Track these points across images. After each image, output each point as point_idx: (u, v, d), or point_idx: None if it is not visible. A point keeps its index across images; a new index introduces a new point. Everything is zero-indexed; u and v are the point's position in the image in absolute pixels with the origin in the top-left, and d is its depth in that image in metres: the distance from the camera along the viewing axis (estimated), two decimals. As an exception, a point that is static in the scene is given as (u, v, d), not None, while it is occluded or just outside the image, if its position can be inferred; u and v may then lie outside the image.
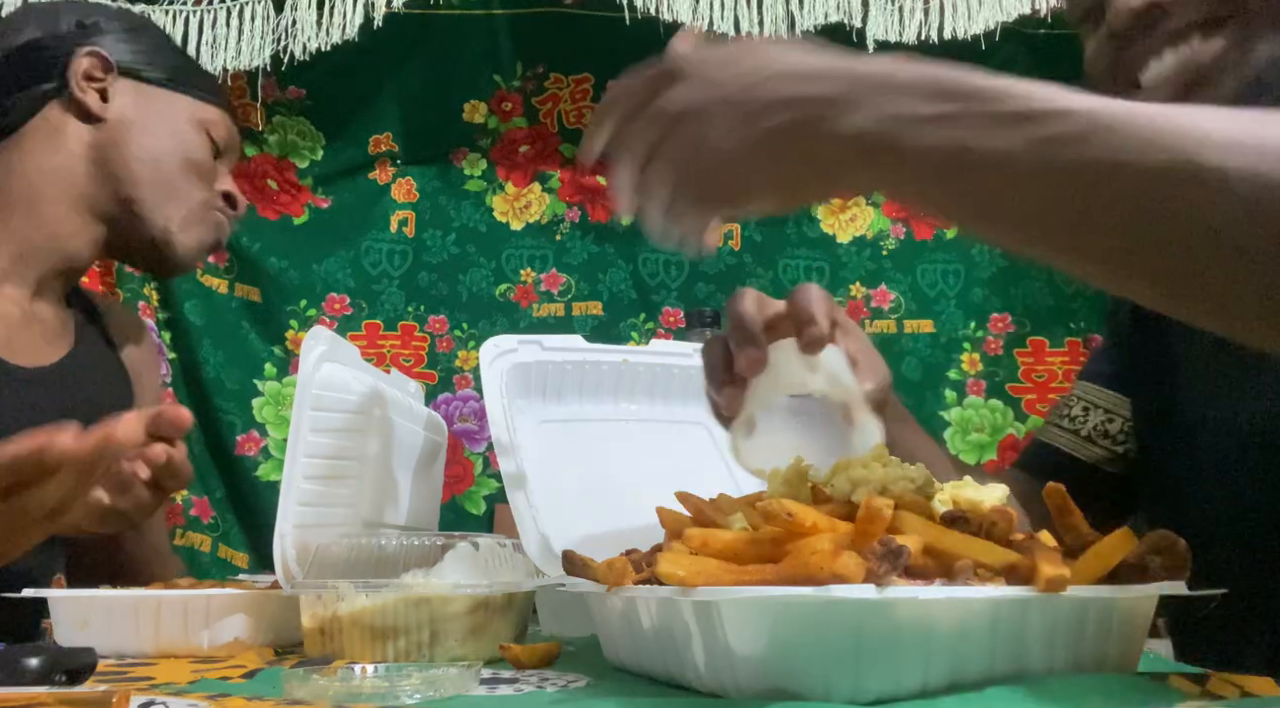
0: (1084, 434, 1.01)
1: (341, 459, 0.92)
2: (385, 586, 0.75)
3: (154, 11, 1.76)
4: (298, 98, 1.95)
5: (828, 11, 1.77)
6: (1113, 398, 1.01)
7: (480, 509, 1.97)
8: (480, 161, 2.06)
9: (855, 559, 0.49)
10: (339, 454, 0.92)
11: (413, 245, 2.04)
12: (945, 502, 0.61)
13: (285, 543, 0.85)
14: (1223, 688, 0.51)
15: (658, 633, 0.60)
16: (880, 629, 0.50)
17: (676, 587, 0.54)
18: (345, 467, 0.92)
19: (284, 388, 1.97)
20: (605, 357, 1.07)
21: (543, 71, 1.98)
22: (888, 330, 2.05)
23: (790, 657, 0.51)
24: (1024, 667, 0.53)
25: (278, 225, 1.99)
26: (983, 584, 0.53)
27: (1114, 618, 0.56)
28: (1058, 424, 1.04)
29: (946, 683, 0.52)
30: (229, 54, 1.77)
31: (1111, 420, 1.01)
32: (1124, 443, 1.00)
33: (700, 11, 1.76)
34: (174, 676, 0.69)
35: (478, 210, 2.06)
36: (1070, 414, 1.03)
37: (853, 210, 2.07)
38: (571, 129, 2.04)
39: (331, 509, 0.90)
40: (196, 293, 1.93)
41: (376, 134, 2.01)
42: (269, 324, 1.98)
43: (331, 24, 1.76)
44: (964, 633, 0.52)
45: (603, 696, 0.60)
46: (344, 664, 0.67)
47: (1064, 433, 1.03)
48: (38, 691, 0.54)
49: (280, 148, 1.99)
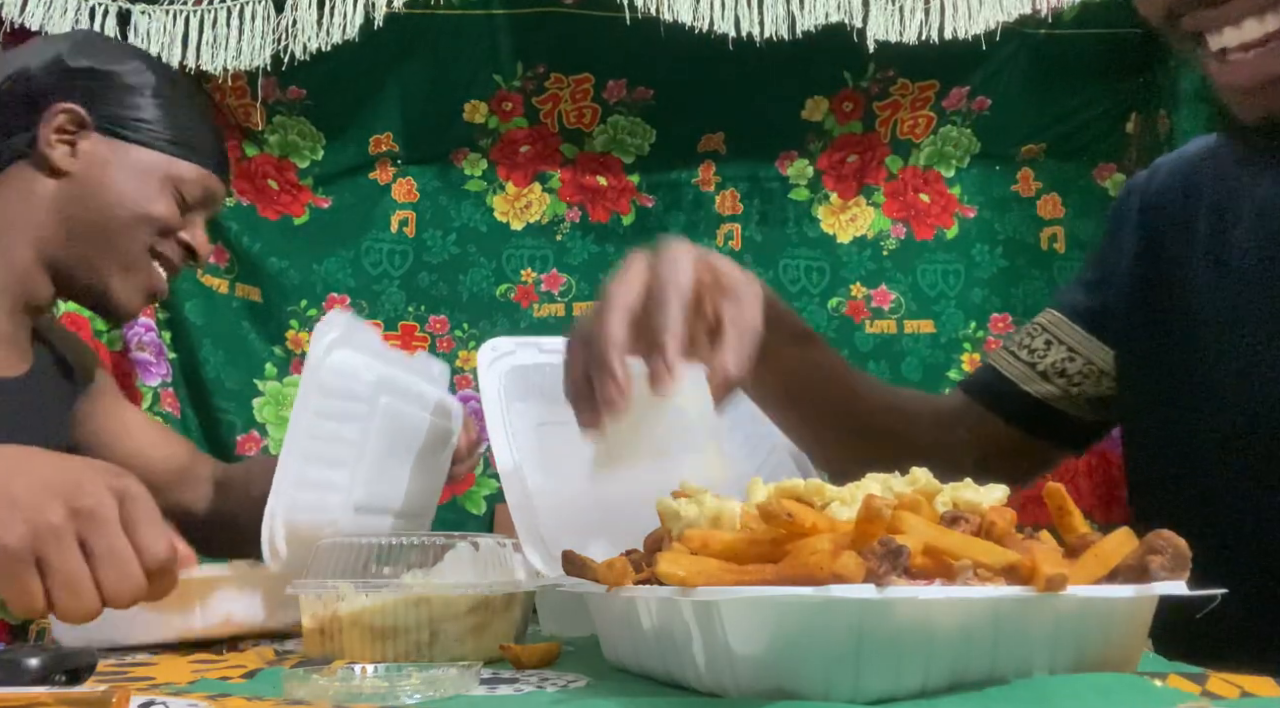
0: (1040, 369, 0.97)
1: (340, 444, 0.94)
2: (385, 586, 0.75)
3: (154, 11, 1.76)
4: (298, 98, 1.95)
5: (828, 11, 1.77)
6: (1081, 337, 0.96)
7: (480, 509, 1.97)
8: (481, 162, 2.06)
9: (855, 559, 0.49)
10: (338, 439, 0.93)
11: (413, 245, 2.04)
12: (945, 502, 0.61)
13: (275, 522, 0.86)
14: (1222, 688, 0.51)
15: (658, 633, 0.60)
16: (880, 629, 0.50)
17: (676, 587, 0.54)
18: (343, 452, 0.94)
19: (284, 388, 1.97)
20: (605, 357, 1.07)
21: (543, 71, 1.97)
22: (888, 330, 2.05)
23: (790, 657, 0.51)
24: (1024, 667, 0.53)
25: (278, 225, 2.00)
26: (983, 584, 0.53)
27: (1114, 618, 0.56)
28: (1014, 353, 0.99)
29: (946, 683, 0.52)
30: (229, 54, 1.77)
31: (1072, 359, 0.96)
32: (1079, 384, 0.96)
33: (700, 11, 1.76)
34: (174, 676, 0.69)
35: (478, 210, 2.06)
36: (1030, 345, 0.98)
37: (853, 210, 2.07)
38: (572, 129, 2.04)
39: (324, 494, 0.92)
40: (197, 293, 1.93)
41: (377, 134, 2.01)
42: (269, 324, 1.98)
43: (332, 24, 1.76)
44: (964, 633, 0.52)
45: (603, 696, 0.60)
46: (344, 664, 0.67)
47: (1018, 363, 0.98)
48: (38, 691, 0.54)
49: (281, 148, 1.99)
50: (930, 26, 1.80)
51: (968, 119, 2.04)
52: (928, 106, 2.02)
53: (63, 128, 1.13)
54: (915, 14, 1.80)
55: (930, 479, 0.63)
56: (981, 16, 1.80)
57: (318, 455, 0.91)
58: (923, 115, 2.03)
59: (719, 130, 2.04)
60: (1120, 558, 0.55)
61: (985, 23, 1.80)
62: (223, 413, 1.93)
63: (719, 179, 2.08)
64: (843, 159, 2.07)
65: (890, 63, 1.93)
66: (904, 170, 2.08)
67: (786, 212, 2.07)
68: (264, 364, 1.97)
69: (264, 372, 1.97)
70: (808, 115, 2.03)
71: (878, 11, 1.79)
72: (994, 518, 0.57)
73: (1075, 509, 0.60)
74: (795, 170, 2.07)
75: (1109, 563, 0.55)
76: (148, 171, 1.14)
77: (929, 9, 1.80)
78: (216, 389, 1.93)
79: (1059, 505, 0.60)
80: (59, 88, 1.14)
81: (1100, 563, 0.55)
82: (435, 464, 1.14)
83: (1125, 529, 0.56)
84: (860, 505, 0.53)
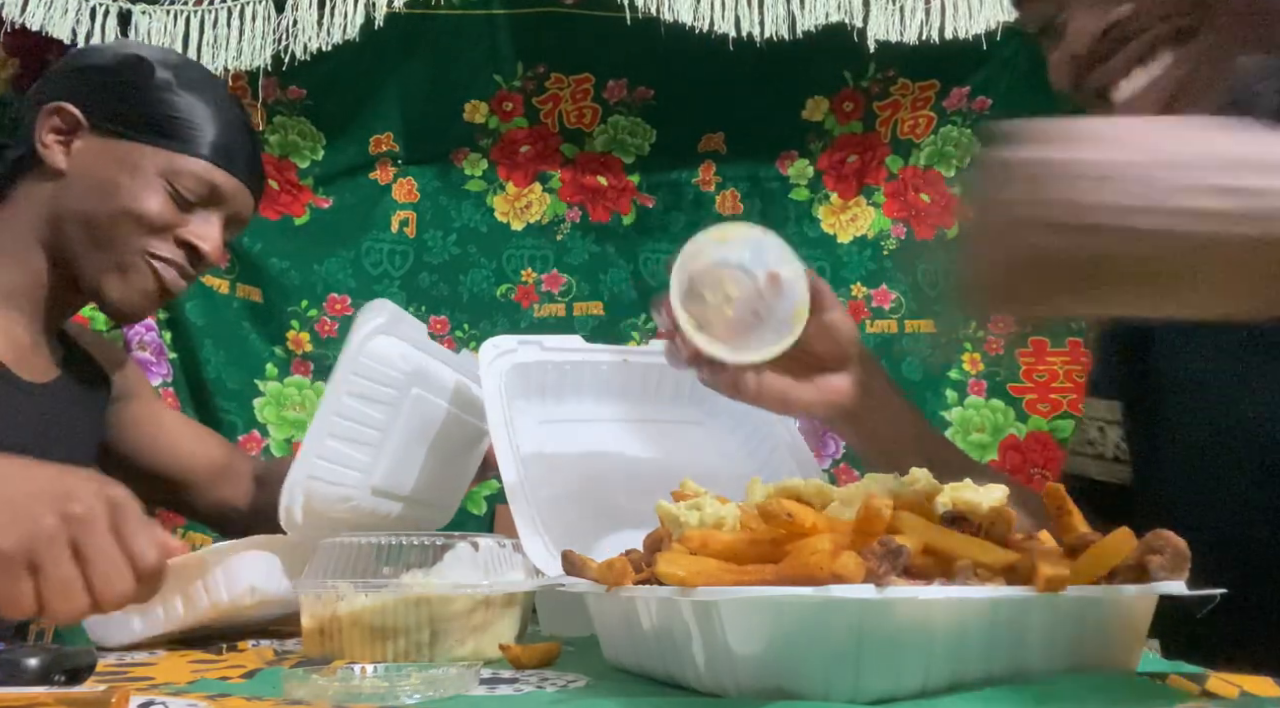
0: (1109, 457, 0.97)
1: (368, 427, 0.97)
2: (385, 586, 0.75)
3: (155, 11, 1.76)
4: (298, 98, 1.95)
5: (829, 11, 1.77)
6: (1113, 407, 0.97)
7: (480, 509, 1.97)
8: (481, 162, 2.06)
9: (855, 559, 0.49)
10: (366, 422, 0.97)
11: (414, 246, 2.04)
12: (945, 502, 0.61)
13: (295, 491, 0.91)
14: (1222, 688, 0.51)
15: (658, 633, 0.60)
16: (880, 629, 0.50)
17: (676, 587, 0.54)
18: (369, 434, 0.97)
19: (285, 388, 1.97)
20: (605, 357, 1.07)
21: (543, 71, 1.97)
22: (888, 330, 2.05)
23: (790, 657, 0.51)
24: (1024, 667, 0.53)
25: (279, 226, 2.00)
26: (983, 584, 0.53)
27: (1114, 618, 0.56)
28: (1081, 453, 0.99)
29: (946, 683, 0.52)
30: (230, 54, 1.77)
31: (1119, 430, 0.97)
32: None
33: (701, 11, 1.76)
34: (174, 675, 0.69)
35: (478, 210, 2.06)
36: (1089, 438, 0.98)
37: (853, 210, 2.07)
38: (572, 129, 2.04)
39: (346, 470, 0.96)
40: (198, 293, 1.93)
41: (377, 134, 2.01)
42: (270, 324, 1.98)
43: (332, 24, 1.76)
44: (964, 633, 0.52)
45: (603, 696, 0.60)
46: (344, 664, 0.67)
47: (1089, 461, 0.98)
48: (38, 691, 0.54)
49: (281, 148, 1.99)
50: (931, 26, 1.80)
51: (968, 119, 2.04)
52: (928, 106, 2.02)
53: (57, 128, 1.13)
54: (916, 14, 1.79)
55: (930, 480, 0.63)
56: (982, 16, 1.80)
57: (343, 433, 0.95)
58: (923, 115, 2.03)
59: (719, 130, 2.04)
60: (1120, 558, 0.55)
61: (986, 22, 1.80)
62: (224, 413, 1.93)
63: (719, 179, 2.08)
64: (843, 159, 2.06)
65: (891, 63, 1.93)
66: (904, 170, 2.08)
67: (787, 211, 2.07)
68: (265, 364, 1.97)
69: (265, 372, 1.97)
70: (808, 115, 2.03)
71: (878, 11, 1.79)
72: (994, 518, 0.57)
73: (1075, 509, 0.60)
74: (795, 170, 2.07)
75: (1109, 563, 0.55)
76: (136, 167, 1.12)
77: (929, 9, 1.80)
78: (217, 389, 1.93)
79: (1059, 505, 0.60)
80: (57, 90, 1.15)
81: (1100, 563, 0.55)
82: (463, 461, 1.15)
83: (1124, 529, 0.56)
84: (860, 506, 0.53)
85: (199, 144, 1.15)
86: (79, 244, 1.13)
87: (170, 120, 1.14)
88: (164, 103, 1.15)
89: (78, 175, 1.13)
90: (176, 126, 1.14)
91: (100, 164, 1.13)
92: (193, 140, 1.15)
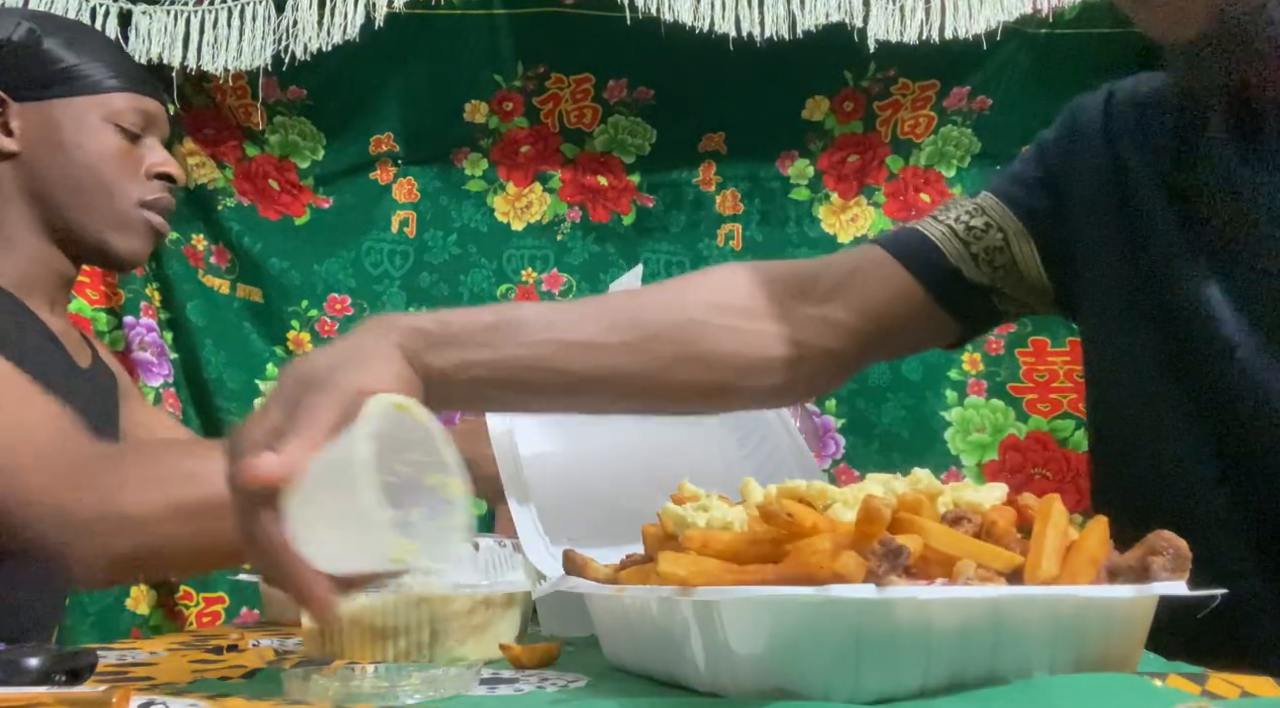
0: (973, 251, 0.90)
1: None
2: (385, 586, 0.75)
3: (155, 11, 1.76)
4: (299, 98, 1.95)
5: (829, 11, 1.77)
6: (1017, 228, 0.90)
7: (481, 509, 1.97)
8: (481, 162, 2.06)
9: (855, 559, 0.49)
10: None
11: (414, 246, 2.04)
12: (945, 502, 0.61)
13: None
14: (1222, 688, 0.51)
15: (658, 633, 0.60)
16: (880, 629, 0.50)
17: (676, 587, 0.54)
18: None
19: (285, 388, 1.96)
20: (606, 357, 1.07)
21: (544, 71, 1.97)
22: (889, 330, 2.04)
23: (790, 657, 0.51)
24: (1024, 667, 0.53)
25: (279, 226, 1.99)
26: (983, 584, 0.53)
27: (1114, 618, 0.56)
28: (951, 226, 0.91)
29: (946, 683, 0.52)
30: (230, 54, 1.77)
31: (1002, 251, 0.90)
32: (1000, 271, 0.90)
33: (701, 12, 1.76)
34: (174, 676, 0.69)
35: (479, 211, 2.06)
36: (969, 223, 0.91)
37: (854, 210, 2.07)
38: (572, 129, 2.04)
39: None
40: (198, 293, 1.93)
41: (377, 134, 2.01)
42: (270, 325, 1.98)
43: (332, 24, 1.76)
44: (964, 633, 0.52)
45: (603, 696, 0.60)
46: (344, 664, 0.67)
47: (955, 241, 0.90)
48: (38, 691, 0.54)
49: (281, 148, 1.99)
50: (931, 26, 1.80)
51: (968, 119, 2.04)
52: (928, 106, 2.02)
53: None
54: (916, 14, 1.79)
55: (932, 480, 0.63)
56: (982, 16, 1.80)
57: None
58: (923, 115, 2.03)
59: (719, 130, 2.04)
60: (1104, 550, 0.55)
61: (986, 22, 1.80)
62: (225, 413, 1.92)
63: (720, 179, 2.08)
64: (843, 159, 2.06)
65: (891, 62, 1.93)
66: (904, 170, 2.08)
67: (787, 211, 2.07)
68: (265, 364, 1.97)
69: (265, 372, 1.97)
70: (808, 115, 2.03)
71: (878, 11, 1.79)
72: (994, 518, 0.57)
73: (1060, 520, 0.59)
74: (796, 170, 2.07)
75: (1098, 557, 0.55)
76: (79, 118, 1.14)
77: (930, 8, 1.80)
78: (218, 389, 1.93)
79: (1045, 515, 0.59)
80: None
81: (1091, 560, 0.55)
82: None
83: (1098, 518, 0.56)
84: (860, 506, 0.53)
85: (119, 79, 1.18)
86: (70, 210, 1.15)
87: (81, 67, 1.16)
88: (66, 53, 1.16)
89: (31, 148, 1.14)
90: (93, 70, 1.16)
91: (47, 129, 1.14)
92: (112, 77, 1.17)
